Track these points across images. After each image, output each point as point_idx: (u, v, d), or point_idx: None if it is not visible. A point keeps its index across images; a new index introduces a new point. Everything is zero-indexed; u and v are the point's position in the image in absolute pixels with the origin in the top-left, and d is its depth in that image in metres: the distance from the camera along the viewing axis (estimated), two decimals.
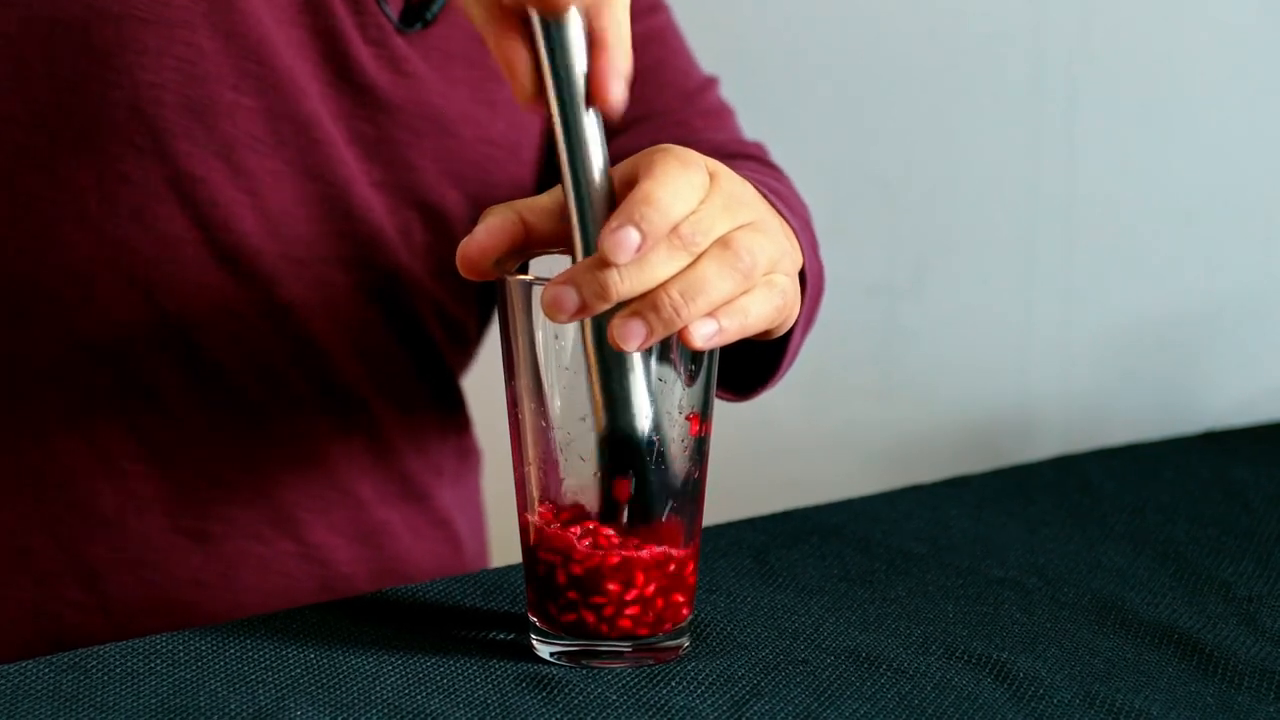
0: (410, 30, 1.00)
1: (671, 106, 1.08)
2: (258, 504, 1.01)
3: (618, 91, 0.76)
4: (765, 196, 0.83)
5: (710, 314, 0.76)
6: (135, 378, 0.98)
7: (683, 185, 0.75)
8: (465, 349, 1.10)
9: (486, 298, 1.10)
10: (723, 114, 1.11)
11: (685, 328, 0.75)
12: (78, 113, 0.93)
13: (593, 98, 0.76)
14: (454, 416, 1.10)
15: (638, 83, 1.06)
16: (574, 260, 0.77)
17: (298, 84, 0.97)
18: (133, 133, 0.93)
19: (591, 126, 0.76)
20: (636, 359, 0.77)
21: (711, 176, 0.78)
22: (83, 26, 0.92)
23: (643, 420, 0.77)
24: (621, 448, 0.78)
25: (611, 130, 1.04)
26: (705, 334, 0.76)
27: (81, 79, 0.92)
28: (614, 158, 0.82)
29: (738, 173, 0.81)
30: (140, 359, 0.97)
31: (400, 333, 1.04)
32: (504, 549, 1.24)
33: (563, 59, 0.75)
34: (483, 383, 1.19)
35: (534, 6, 0.74)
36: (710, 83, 1.11)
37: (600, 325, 0.76)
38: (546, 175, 1.07)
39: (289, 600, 1.02)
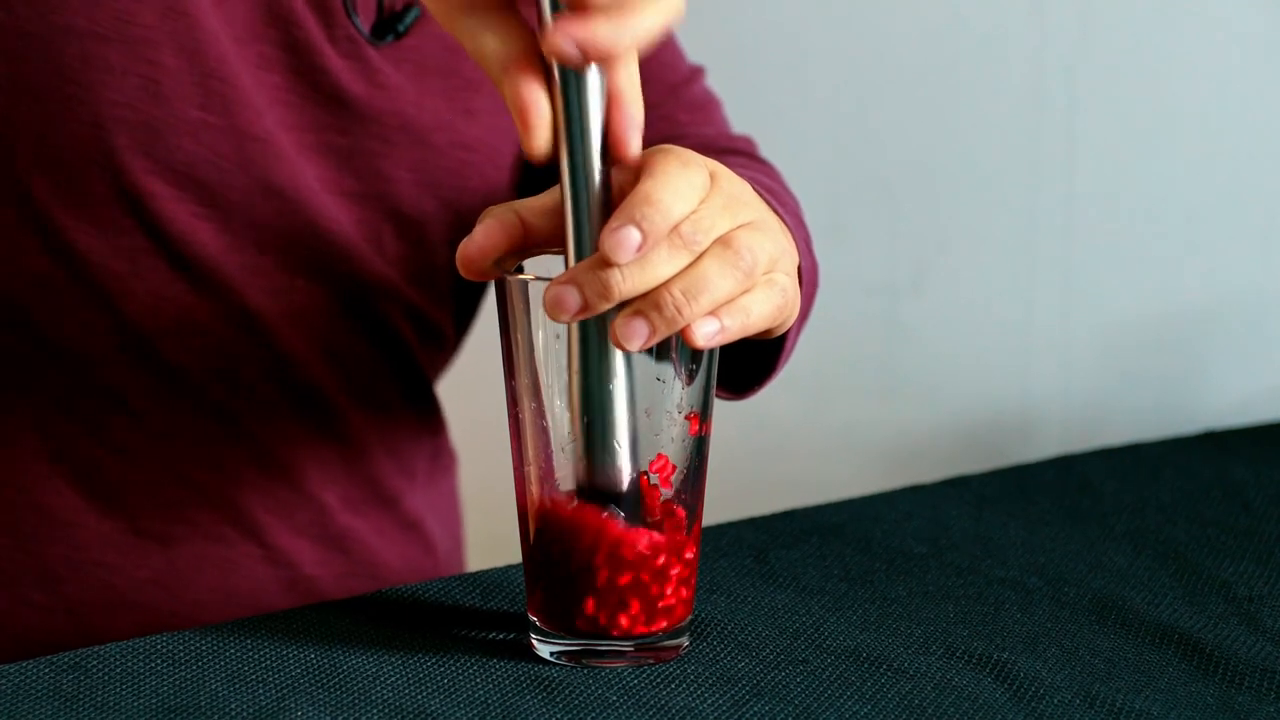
0: (382, 43, 1.00)
1: (657, 100, 1.07)
2: (219, 506, 1.01)
3: (635, 145, 0.76)
4: (760, 195, 0.83)
5: (712, 313, 0.76)
6: (97, 382, 0.97)
7: (683, 185, 0.75)
8: (441, 353, 1.10)
9: (465, 301, 1.09)
10: (709, 106, 1.11)
11: (687, 327, 0.75)
12: (39, 127, 0.93)
13: (611, 151, 0.76)
14: (427, 420, 1.10)
15: None
16: (566, 265, 0.77)
17: (261, 101, 0.96)
18: (93, 150, 0.93)
19: (598, 161, 0.76)
20: (623, 412, 0.77)
21: (712, 176, 0.78)
22: (47, 42, 0.92)
23: (623, 477, 0.78)
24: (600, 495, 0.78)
25: None
26: (707, 333, 0.76)
27: (44, 94, 0.92)
28: None
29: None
30: (102, 364, 0.97)
31: (371, 338, 1.03)
32: (481, 550, 1.25)
33: (580, 111, 0.75)
34: (461, 386, 1.19)
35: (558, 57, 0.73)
36: (696, 73, 1.11)
37: (588, 386, 0.77)
38: (525, 178, 1.07)
39: (253, 602, 1.02)
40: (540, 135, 0.74)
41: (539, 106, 0.74)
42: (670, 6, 0.74)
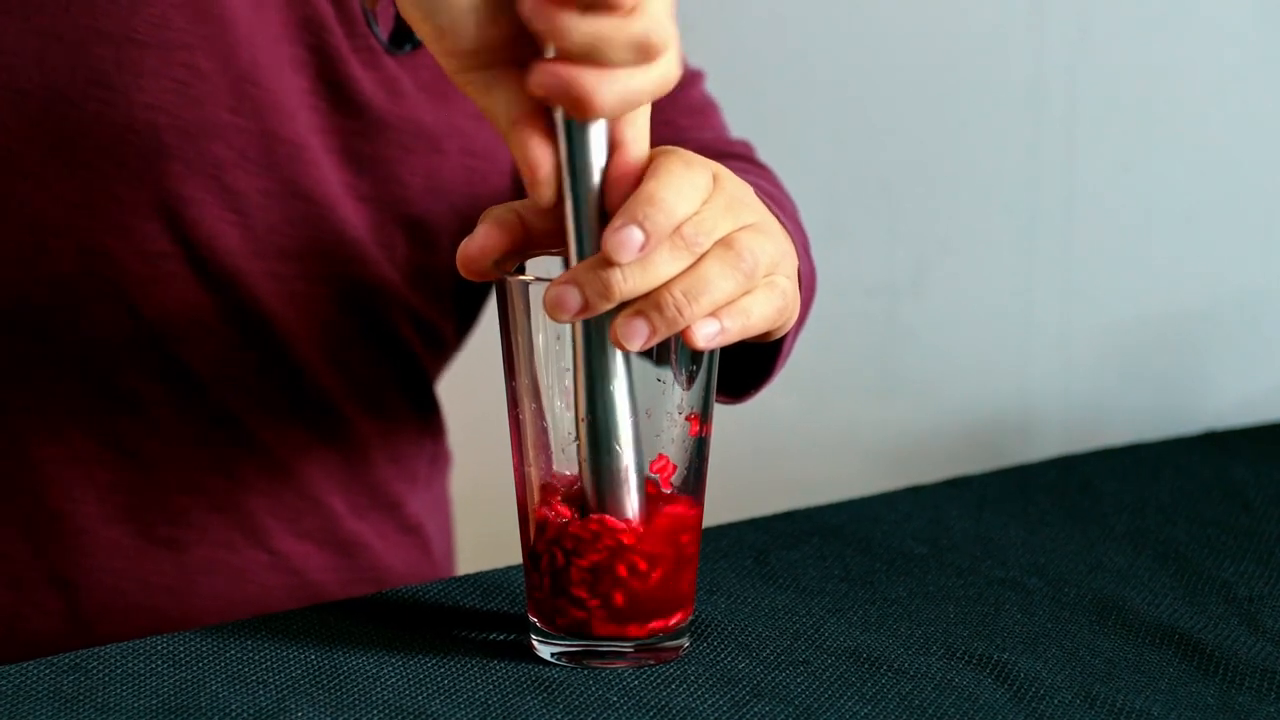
0: (400, 52, 1.00)
1: (656, 104, 1.07)
2: (228, 512, 1.01)
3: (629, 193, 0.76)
4: (759, 198, 0.83)
5: (713, 314, 0.76)
6: (113, 386, 0.98)
7: (686, 186, 0.75)
8: (442, 355, 1.10)
9: (466, 304, 1.10)
10: (707, 110, 1.11)
11: (688, 328, 0.75)
12: (71, 129, 0.93)
13: (605, 197, 0.76)
14: (428, 423, 1.10)
15: None
16: (566, 266, 0.77)
17: (290, 104, 0.97)
18: (125, 153, 0.93)
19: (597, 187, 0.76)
20: (625, 414, 0.77)
21: (714, 178, 0.78)
22: (81, 46, 0.92)
23: (625, 479, 0.78)
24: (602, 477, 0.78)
25: None
26: (708, 334, 0.76)
27: (78, 97, 0.92)
28: None
29: None
30: (118, 368, 0.97)
31: (378, 343, 1.04)
32: (479, 550, 1.24)
33: (582, 159, 0.75)
34: (461, 386, 1.19)
35: (565, 107, 0.74)
36: (695, 76, 1.11)
37: (592, 388, 0.77)
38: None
39: (260, 608, 1.02)
40: (546, 188, 0.75)
41: (543, 161, 0.75)
42: (659, 77, 0.75)
